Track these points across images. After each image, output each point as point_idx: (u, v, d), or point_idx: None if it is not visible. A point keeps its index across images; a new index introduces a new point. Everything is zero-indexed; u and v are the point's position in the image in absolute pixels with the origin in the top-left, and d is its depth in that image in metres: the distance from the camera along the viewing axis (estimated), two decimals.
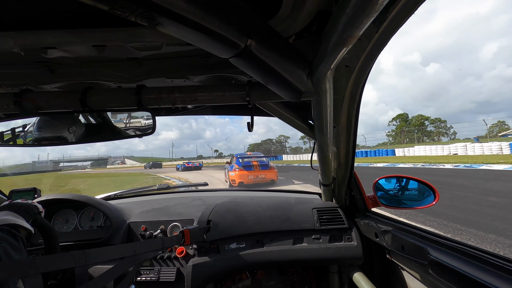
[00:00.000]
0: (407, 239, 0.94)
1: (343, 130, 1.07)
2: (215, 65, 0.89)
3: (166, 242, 0.98)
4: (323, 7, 0.57)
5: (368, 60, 0.73)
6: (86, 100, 0.83)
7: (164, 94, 0.85)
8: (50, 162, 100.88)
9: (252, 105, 0.89)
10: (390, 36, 0.62)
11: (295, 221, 1.31)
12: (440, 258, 0.78)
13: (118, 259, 0.82)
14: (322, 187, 1.43)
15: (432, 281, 0.87)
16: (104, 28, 0.63)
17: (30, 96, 0.84)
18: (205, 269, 1.18)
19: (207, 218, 1.30)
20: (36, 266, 0.57)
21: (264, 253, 1.24)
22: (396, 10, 0.52)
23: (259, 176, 10.56)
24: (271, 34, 0.56)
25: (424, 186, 1.24)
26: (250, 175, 10.46)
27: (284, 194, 1.94)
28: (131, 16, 0.37)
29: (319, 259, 1.24)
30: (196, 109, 1.25)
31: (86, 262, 0.67)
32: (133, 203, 1.63)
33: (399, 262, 1.08)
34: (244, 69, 0.58)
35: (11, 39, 0.64)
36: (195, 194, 1.89)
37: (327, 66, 0.61)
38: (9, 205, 0.84)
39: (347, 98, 0.93)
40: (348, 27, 0.45)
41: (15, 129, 0.99)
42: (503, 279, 0.63)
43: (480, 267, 0.69)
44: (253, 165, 10.74)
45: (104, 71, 0.88)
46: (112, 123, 1.03)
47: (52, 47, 0.69)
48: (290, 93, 0.70)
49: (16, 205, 0.84)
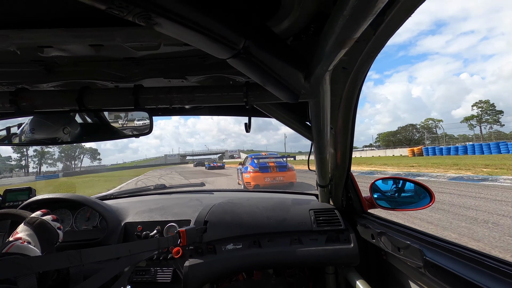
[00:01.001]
0: (403, 240, 0.94)
1: (340, 131, 1.07)
2: (213, 65, 0.89)
3: (162, 242, 0.98)
4: (321, 8, 0.57)
5: (365, 62, 0.73)
6: (83, 100, 0.83)
7: (161, 94, 0.85)
8: (177, 155, 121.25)
9: (249, 106, 0.89)
10: (388, 38, 0.63)
11: (292, 222, 1.32)
12: (436, 260, 0.78)
13: (114, 259, 0.81)
14: (319, 188, 1.44)
15: (427, 282, 0.87)
16: (101, 27, 0.63)
17: (26, 95, 0.83)
18: (202, 270, 1.18)
19: (204, 219, 1.30)
20: (30, 266, 0.57)
21: (261, 254, 1.24)
22: (394, 13, 0.53)
23: (276, 178, 9.70)
24: (269, 35, 0.56)
25: (420, 188, 1.25)
26: (266, 177, 9.63)
27: (281, 195, 1.94)
28: (129, 16, 0.37)
29: (316, 260, 1.24)
30: (194, 109, 1.25)
31: (81, 262, 0.66)
32: (129, 203, 1.62)
33: (395, 264, 1.08)
34: (241, 70, 0.58)
35: (7, 37, 0.63)
36: (191, 194, 1.88)
37: (325, 67, 0.61)
38: (34, 225, 0.79)
39: (344, 100, 0.93)
40: (345, 29, 0.45)
41: (10, 128, 0.98)
42: (498, 281, 0.63)
43: (475, 268, 0.70)
44: (270, 166, 9.90)
45: (101, 70, 0.88)
46: (109, 123, 1.03)
47: (48, 46, 0.69)
48: (288, 94, 0.71)
49: (42, 227, 0.81)
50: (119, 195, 1.88)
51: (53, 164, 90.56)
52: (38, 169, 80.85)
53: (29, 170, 79.42)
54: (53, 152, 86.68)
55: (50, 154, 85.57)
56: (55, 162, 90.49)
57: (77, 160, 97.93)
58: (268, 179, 9.63)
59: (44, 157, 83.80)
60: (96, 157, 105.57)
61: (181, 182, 13.27)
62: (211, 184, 13.56)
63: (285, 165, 10.18)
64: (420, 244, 0.88)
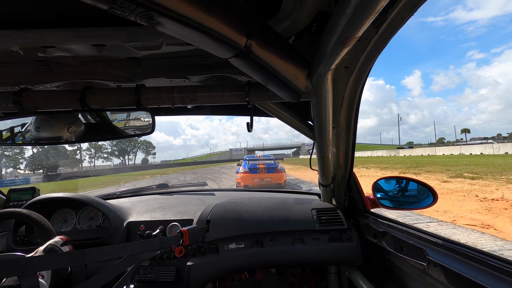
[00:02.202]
0: (406, 240, 0.94)
1: (342, 130, 1.07)
2: (215, 65, 0.89)
3: (164, 242, 0.98)
4: (323, 7, 0.57)
5: (367, 61, 0.73)
6: (85, 99, 0.83)
7: (163, 94, 0.85)
8: (244, 150, 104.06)
9: (251, 106, 0.89)
10: (390, 37, 0.62)
11: (294, 222, 1.31)
12: (439, 259, 0.78)
13: (116, 259, 0.82)
14: (321, 187, 1.43)
15: (430, 282, 0.87)
16: (103, 27, 0.63)
17: (29, 95, 0.84)
18: (204, 269, 1.18)
19: (206, 218, 1.30)
20: (33, 265, 0.57)
21: (263, 253, 1.24)
22: (396, 11, 0.52)
23: (264, 179, 10.13)
24: (271, 35, 0.56)
25: (423, 188, 1.24)
26: (255, 178, 10.09)
27: (284, 195, 1.94)
28: (131, 16, 0.37)
29: (318, 260, 1.24)
30: (196, 109, 1.25)
31: (84, 262, 0.67)
32: (132, 202, 1.63)
33: (398, 263, 1.08)
34: (243, 70, 0.58)
35: (10, 37, 0.64)
36: (194, 194, 1.89)
37: (327, 66, 0.61)
38: (43, 257, 0.74)
39: (346, 99, 0.93)
40: (347, 28, 0.45)
41: (13, 128, 0.98)
42: (503, 281, 0.63)
43: (479, 268, 0.69)
44: (259, 167, 10.31)
45: (103, 70, 0.88)
46: (111, 123, 1.03)
47: (51, 46, 0.69)
48: (290, 94, 0.70)
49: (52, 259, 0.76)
50: (122, 194, 1.89)
51: (108, 158, 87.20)
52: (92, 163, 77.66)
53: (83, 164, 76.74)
54: (105, 146, 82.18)
55: (104, 147, 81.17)
56: (109, 156, 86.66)
57: (132, 154, 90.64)
58: (256, 180, 10.07)
59: (101, 150, 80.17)
60: (150, 152, 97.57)
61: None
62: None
63: (274, 166, 10.56)
64: (423, 243, 0.88)
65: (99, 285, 0.74)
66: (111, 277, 0.77)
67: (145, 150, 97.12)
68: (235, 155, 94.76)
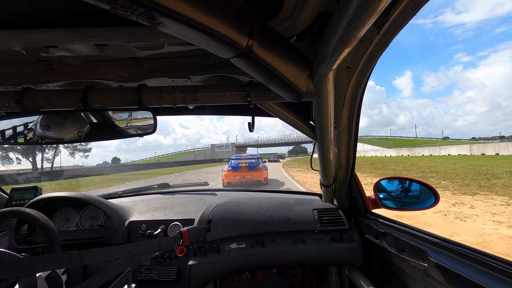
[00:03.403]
0: (407, 241, 0.93)
1: (344, 131, 1.06)
2: (216, 65, 0.89)
3: (163, 243, 0.97)
4: (325, 8, 0.57)
5: (369, 61, 0.73)
6: (87, 99, 0.83)
7: (165, 93, 0.85)
8: (231, 146, 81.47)
9: (253, 106, 0.89)
10: (392, 37, 0.62)
11: (296, 222, 1.31)
12: (440, 260, 0.77)
13: (115, 260, 0.81)
14: (323, 188, 1.43)
15: (432, 283, 0.86)
16: (105, 27, 0.63)
17: (31, 94, 0.84)
18: (205, 269, 1.18)
19: (208, 218, 1.30)
20: (32, 266, 0.57)
21: (264, 253, 1.24)
22: (398, 12, 0.52)
23: (245, 177, 10.74)
24: (272, 35, 0.56)
25: (425, 188, 1.23)
26: (237, 176, 10.76)
27: (285, 195, 1.93)
28: (133, 16, 0.37)
29: (319, 260, 1.23)
30: (197, 109, 1.25)
31: (82, 262, 0.67)
32: (133, 202, 1.63)
33: (399, 264, 1.07)
34: (245, 70, 0.58)
35: (12, 37, 0.64)
36: (195, 194, 1.89)
37: (328, 67, 0.61)
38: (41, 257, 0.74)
39: (348, 99, 0.92)
40: (349, 28, 0.45)
41: (16, 127, 0.99)
42: (505, 283, 0.62)
43: (480, 269, 0.69)
44: (241, 166, 11.00)
45: (105, 70, 0.88)
46: (113, 122, 1.03)
47: (53, 46, 0.69)
48: (291, 94, 0.70)
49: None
50: (124, 194, 1.90)
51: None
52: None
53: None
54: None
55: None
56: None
57: (49, 151, 54.57)
58: (238, 177, 10.73)
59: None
60: (79, 149, 54.24)
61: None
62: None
63: (254, 165, 11.16)
64: (425, 244, 0.88)
65: (96, 286, 0.73)
66: (108, 278, 0.77)
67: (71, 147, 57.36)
68: (219, 153, 72.47)
